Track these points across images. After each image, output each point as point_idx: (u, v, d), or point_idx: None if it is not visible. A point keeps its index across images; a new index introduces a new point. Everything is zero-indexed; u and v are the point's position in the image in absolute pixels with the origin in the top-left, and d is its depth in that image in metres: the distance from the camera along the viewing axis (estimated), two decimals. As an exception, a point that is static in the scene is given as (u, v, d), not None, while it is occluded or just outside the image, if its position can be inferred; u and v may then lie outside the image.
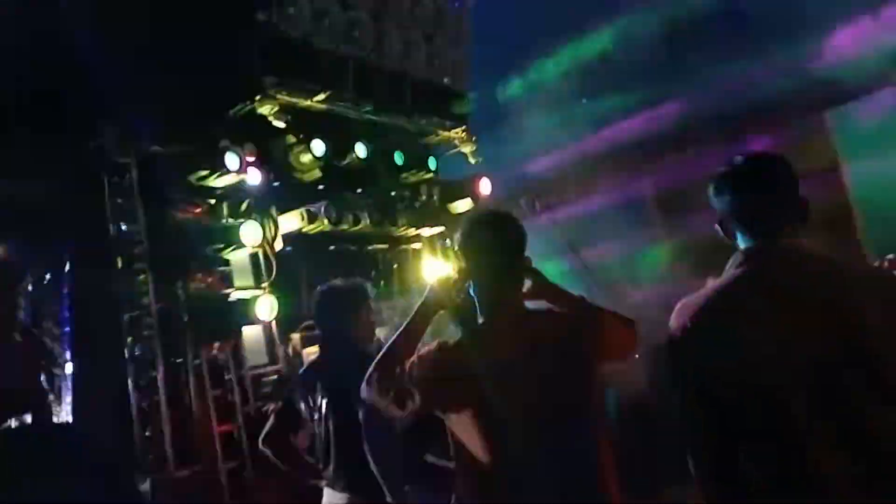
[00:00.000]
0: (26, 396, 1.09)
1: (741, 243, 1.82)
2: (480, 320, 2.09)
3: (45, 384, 1.09)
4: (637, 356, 2.23)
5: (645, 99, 8.17)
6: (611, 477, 1.95)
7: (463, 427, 1.99)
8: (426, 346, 2.11)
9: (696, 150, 7.25)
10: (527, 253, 2.13)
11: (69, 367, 4.05)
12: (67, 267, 4.42)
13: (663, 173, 8.41)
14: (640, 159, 8.53)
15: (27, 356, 1.10)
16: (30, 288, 1.16)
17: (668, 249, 9.13)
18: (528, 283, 2.17)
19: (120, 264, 4.24)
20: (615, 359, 2.15)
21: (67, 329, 4.25)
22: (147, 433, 3.91)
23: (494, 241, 2.08)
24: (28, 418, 1.17)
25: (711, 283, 1.82)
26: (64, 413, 3.52)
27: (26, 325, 1.12)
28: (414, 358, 2.05)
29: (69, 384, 3.98)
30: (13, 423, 1.13)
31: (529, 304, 2.17)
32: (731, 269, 1.80)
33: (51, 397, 1.11)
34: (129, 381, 4.03)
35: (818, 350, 1.64)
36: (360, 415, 2.76)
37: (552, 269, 2.48)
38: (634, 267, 8.16)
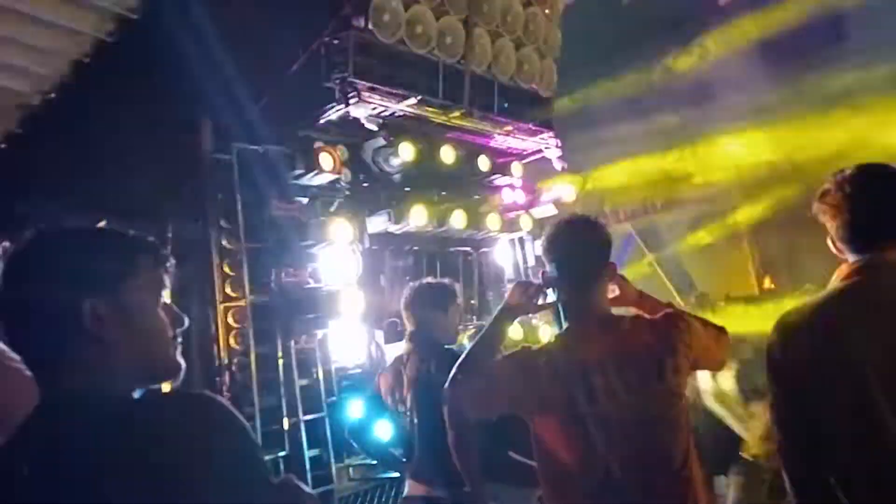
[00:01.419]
0: (168, 368, 1.20)
1: (849, 257, 1.79)
2: (565, 325, 2.11)
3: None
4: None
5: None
6: (696, 484, 1.94)
7: (546, 429, 2.03)
8: (510, 349, 2.17)
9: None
10: (612, 259, 2.13)
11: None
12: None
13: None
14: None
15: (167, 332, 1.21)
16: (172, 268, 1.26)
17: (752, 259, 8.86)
18: (615, 290, 2.18)
19: (218, 256, 4.50)
20: (704, 368, 2.14)
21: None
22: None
23: (580, 246, 2.08)
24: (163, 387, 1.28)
25: (814, 297, 1.80)
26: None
27: (166, 303, 1.24)
28: (498, 359, 2.11)
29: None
30: (155, 390, 1.23)
31: (617, 311, 2.19)
32: (835, 283, 1.78)
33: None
34: (224, 366, 4.29)
35: None
36: (444, 410, 2.84)
37: (631, 274, 2.50)
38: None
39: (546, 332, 5.46)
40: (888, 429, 1.60)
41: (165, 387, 1.30)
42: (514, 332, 5.36)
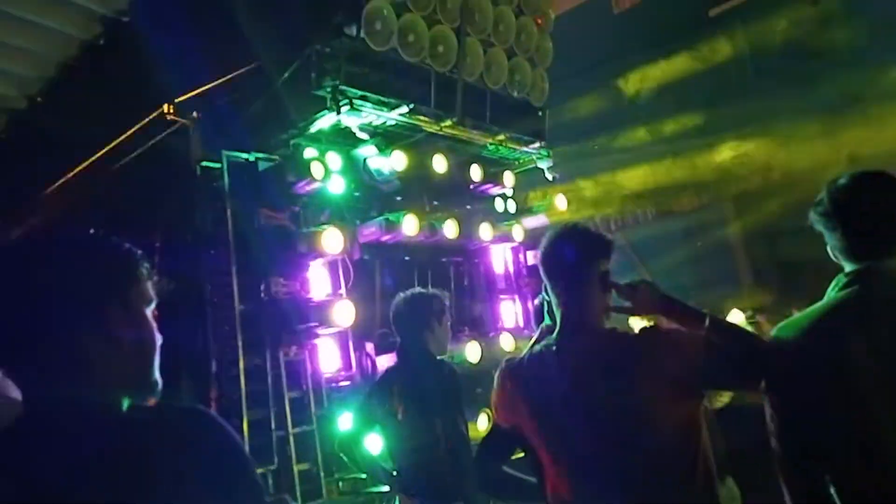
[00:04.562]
0: (152, 381, 1.22)
1: (846, 266, 1.77)
2: (554, 336, 2.03)
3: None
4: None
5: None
6: None
7: (535, 445, 2.00)
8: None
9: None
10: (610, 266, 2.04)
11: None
12: (157, 265, 4.66)
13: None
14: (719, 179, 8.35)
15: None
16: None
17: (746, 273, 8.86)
18: (631, 300, 2.05)
19: (207, 266, 4.44)
20: (706, 388, 2.02)
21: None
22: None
23: (556, 257, 2.01)
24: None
25: (812, 307, 1.77)
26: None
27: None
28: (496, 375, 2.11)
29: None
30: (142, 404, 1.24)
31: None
32: (832, 293, 1.75)
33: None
34: (212, 377, 4.22)
35: None
36: (439, 424, 2.80)
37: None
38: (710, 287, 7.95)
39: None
40: (886, 436, 1.59)
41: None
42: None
